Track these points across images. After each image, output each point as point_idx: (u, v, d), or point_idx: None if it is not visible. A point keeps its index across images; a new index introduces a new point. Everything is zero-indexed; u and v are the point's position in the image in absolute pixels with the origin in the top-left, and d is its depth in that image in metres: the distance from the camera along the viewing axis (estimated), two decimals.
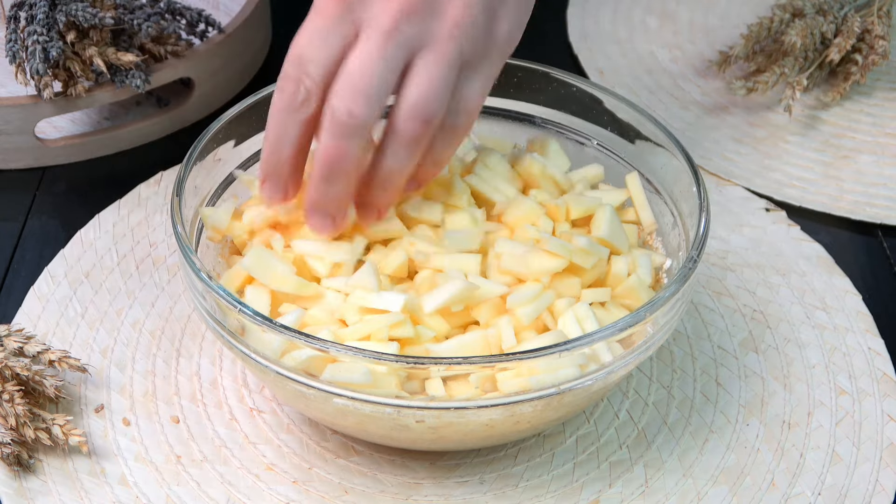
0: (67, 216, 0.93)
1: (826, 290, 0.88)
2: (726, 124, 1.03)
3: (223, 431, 0.78)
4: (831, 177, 0.99)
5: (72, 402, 0.79)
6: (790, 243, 0.92)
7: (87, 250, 0.90)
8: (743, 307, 0.87)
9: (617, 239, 0.76)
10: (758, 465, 0.77)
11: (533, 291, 0.72)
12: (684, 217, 0.79)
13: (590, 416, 0.80)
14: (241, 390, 0.81)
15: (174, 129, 1.00)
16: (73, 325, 0.84)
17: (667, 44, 1.12)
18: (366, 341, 0.70)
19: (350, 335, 0.71)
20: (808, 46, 1.03)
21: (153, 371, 0.82)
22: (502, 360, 0.67)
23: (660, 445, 0.78)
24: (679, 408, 0.80)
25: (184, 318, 0.85)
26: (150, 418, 0.79)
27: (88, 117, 1.01)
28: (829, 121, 1.04)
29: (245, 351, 0.70)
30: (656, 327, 0.71)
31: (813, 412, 0.80)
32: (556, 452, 0.78)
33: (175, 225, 0.73)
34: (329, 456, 0.77)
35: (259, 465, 0.77)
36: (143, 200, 0.94)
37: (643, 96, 1.06)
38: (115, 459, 0.76)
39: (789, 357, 0.84)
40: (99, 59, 0.92)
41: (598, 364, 0.69)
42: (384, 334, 0.70)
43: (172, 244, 0.90)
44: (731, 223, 0.93)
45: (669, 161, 0.80)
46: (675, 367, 0.83)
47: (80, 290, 0.87)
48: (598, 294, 0.74)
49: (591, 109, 0.85)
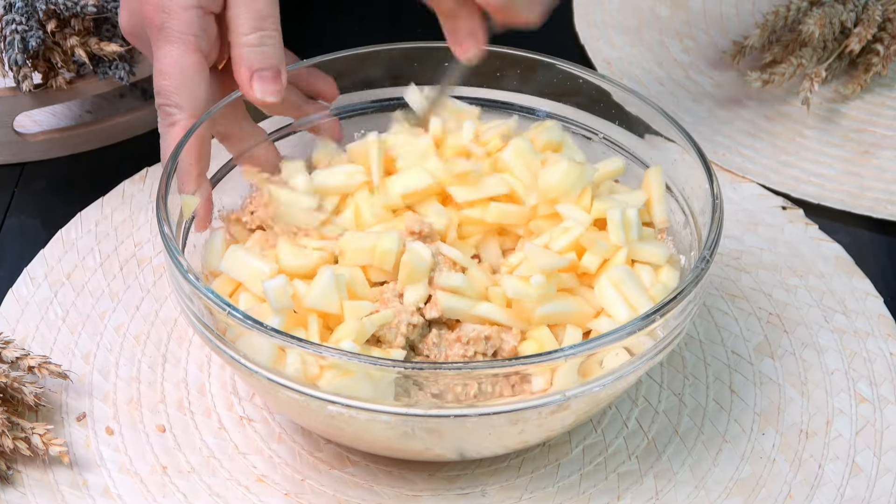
0: (47, 214, 0.93)
1: (846, 292, 0.89)
2: (740, 118, 1.04)
3: (211, 441, 0.79)
4: (851, 173, 0.99)
5: (52, 410, 0.80)
6: (808, 243, 0.92)
7: (68, 250, 0.90)
8: (758, 310, 0.87)
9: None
10: (774, 476, 0.77)
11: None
12: (696, 215, 0.79)
13: (597, 424, 0.80)
14: (231, 398, 0.81)
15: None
16: (54, 329, 0.85)
17: (678, 33, 1.12)
18: (375, 347, 0.71)
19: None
20: (827, 36, 1.04)
21: (138, 377, 0.82)
22: (505, 366, 0.68)
23: (671, 456, 0.79)
24: (691, 416, 0.81)
25: (170, 322, 0.85)
26: (134, 427, 0.79)
27: (70, 110, 1.01)
28: (849, 114, 1.04)
29: (235, 356, 0.70)
30: (667, 331, 0.71)
31: (832, 421, 0.81)
32: (562, 463, 0.78)
33: (161, 224, 0.74)
34: (323, 467, 0.77)
35: (249, 477, 0.77)
36: (128, 198, 0.94)
37: (653, 89, 1.06)
38: (97, 470, 0.77)
39: (807, 363, 0.84)
40: (81, 49, 0.93)
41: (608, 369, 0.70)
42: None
43: (158, 244, 0.90)
44: (746, 222, 0.94)
45: (681, 157, 0.80)
46: (687, 373, 0.83)
47: (62, 293, 0.87)
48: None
49: (598, 102, 0.85)
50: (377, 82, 0.87)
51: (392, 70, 0.86)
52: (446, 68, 0.83)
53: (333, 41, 0.90)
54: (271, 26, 0.77)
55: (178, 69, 0.76)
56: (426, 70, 0.86)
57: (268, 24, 0.77)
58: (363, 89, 0.87)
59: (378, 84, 0.87)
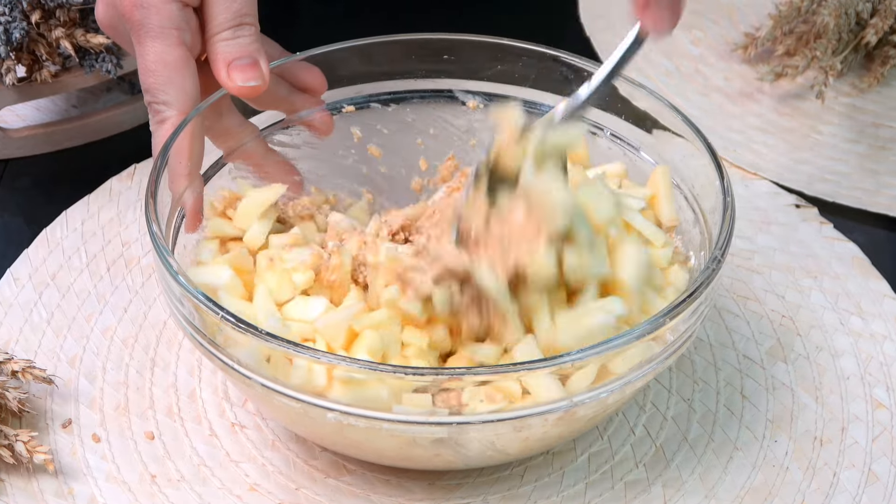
0: (32, 213, 0.93)
1: (862, 293, 0.89)
2: (752, 113, 1.04)
3: (202, 448, 0.79)
4: (868, 170, 0.99)
5: (37, 416, 0.80)
6: (822, 243, 0.92)
7: (53, 250, 0.90)
8: (770, 312, 0.87)
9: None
10: (787, 485, 0.77)
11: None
12: (706, 214, 0.79)
13: (603, 431, 0.80)
14: (222, 403, 0.81)
15: (148, 118, 1.00)
16: (38, 333, 0.85)
17: (687, 24, 1.12)
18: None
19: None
20: (843, 27, 1.04)
21: (126, 382, 0.82)
22: (508, 371, 0.68)
23: (680, 464, 0.79)
24: (701, 422, 0.81)
25: (159, 325, 0.85)
26: (122, 434, 0.79)
27: (55, 105, 1.01)
28: (866, 108, 1.04)
29: (227, 361, 0.70)
30: (676, 334, 0.71)
31: (847, 427, 0.81)
32: (567, 471, 0.78)
33: (150, 223, 0.74)
34: (318, 475, 0.77)
35: (241, 486, 0.77)
36: (115, 195, 0.94)
37: (661, 82, 1.06)
38: (84, 479, 0.77)
39: (821, 367, 0.84)
40: (66, 41, 0.93)
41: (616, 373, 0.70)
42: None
43: (147, 243, 0.90)
44: (758, 221, 0.94)
45: (690, 153, 0.80)
46: (697, 378, 0.83)
47: (46, 294, 0.87)
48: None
49: (603, 96, 0.85)
50: (371, 76, 0.87)
51: (386, 63, 0.86)
52: (615, 48, 0.74)
53: (325, 32, 0.90)
54: (247, 21, 0.78)
55: (163, 65, 0.76)
56: (425, 63, 0.86)
57: (244, 19, 0.78)
58: (356, 83, 0.87)
59: (373, 78, 0.87)
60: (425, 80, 0.87)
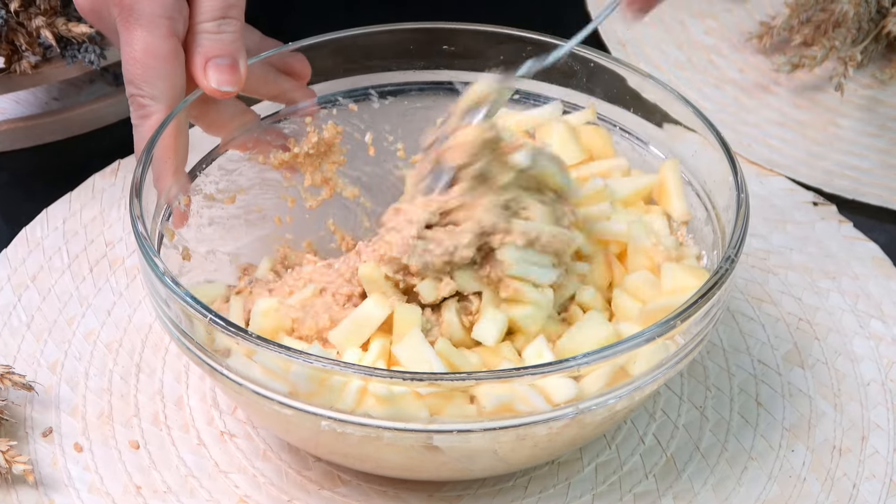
0: (10, 211, 0.94)
1: (882, 295, 0.89)
2: (768, 106, 1.04)
3: (190, 458, 0.79)
4: (889, 166, 0.99)
5: (16, 424, 0.80)
6: (841, 242, 0.92)
7: (33, 250, 0.90)
8: (787, 315, 0.87)
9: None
10: (804, 496, 0.77)
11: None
12: (720, 211, 0.79)
13: (611, 440, 0.80)
14: (211, 411, 0.81)
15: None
16: (18, 337, 0.85)
17: (700, 13, 1.12)
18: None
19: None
20: (863, 16, 1.04)
21: (109, 389, 0.82)
22: (512, 376, 0.68)
23: (692, 474, 0.79)
24: (714, 431, 0.81)
25: (145, 329, 0.85)
26: (105, 443, 0.79)
27: (35, 97, 1.01)
28: (887, 101, 1.04)
29: (216, 367, 0.70)
30: (688, 338, 0.71)
31: (867, 436, 0.81)
32: (573, 482, 0.78)
33: (135, 222, 0.74)
34: (311, 486, 0.77)
35: (231, 497, 0.77)
36: (98, 193, 0.94)
37: (672, 73, 1.06)
38: (65, 490, 0.77)
39: (840, 373, 0.84)
40: (47, 30, 0.93)
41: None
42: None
43: (131, 243, 0.90)
44: (774, 219, 0.94)
45: (702, 148, 0.80)
46: (710, 384, 0.83)
47: (26, 296, 0.87)
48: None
49: (612, 88, 0.85)
50: (363, 69, 0.87)
51: (378, 54, 0.87)
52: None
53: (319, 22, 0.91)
54: (233, 14, 0.77)
55: (152, 56, 0.76)
56: (423, 54, 0.86)
57: (230, 12, 0.77)
58: (347, 76, 0.87)
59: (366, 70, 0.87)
60: (424, 71, 0.87)
